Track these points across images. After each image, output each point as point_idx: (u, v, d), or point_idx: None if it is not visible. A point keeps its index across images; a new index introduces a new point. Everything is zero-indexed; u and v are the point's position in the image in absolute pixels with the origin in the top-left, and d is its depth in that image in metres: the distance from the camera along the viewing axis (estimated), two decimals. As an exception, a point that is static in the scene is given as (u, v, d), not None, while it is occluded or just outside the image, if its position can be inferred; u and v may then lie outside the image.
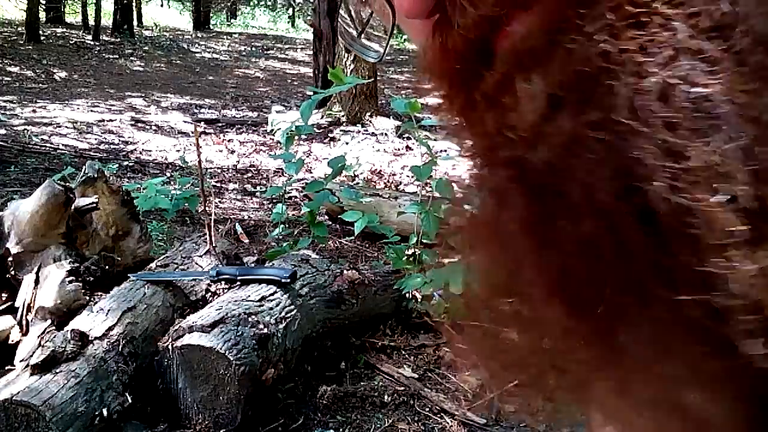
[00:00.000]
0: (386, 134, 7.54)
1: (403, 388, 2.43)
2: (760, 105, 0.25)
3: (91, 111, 8.50)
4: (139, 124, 7.94)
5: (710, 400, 0.29)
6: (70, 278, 2.35)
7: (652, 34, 0.27)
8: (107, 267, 2.56)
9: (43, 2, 16.32)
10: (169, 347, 2.07)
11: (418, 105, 3.07)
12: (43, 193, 2.49)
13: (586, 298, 0.30)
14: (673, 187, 0.26)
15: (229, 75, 13.41)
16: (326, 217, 4.20)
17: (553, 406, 0.37)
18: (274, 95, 11.13)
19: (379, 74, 9.16)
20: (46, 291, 2.33)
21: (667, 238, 0.27)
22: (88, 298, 2.33)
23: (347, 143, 7.11)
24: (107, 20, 17.14)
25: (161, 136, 7.48)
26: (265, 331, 2.19)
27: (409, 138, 6.98)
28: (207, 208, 3.00)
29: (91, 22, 16.25)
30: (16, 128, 6.97)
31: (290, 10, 28.27)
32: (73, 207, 2.54)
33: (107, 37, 16.09)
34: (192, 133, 7.04)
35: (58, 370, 1.91)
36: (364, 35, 0.44)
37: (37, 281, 2.38)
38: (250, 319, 2.18)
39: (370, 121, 7.99)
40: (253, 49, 17.76)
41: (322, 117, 8.02)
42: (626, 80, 0.27)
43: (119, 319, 2.16)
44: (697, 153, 0.26)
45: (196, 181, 4.04)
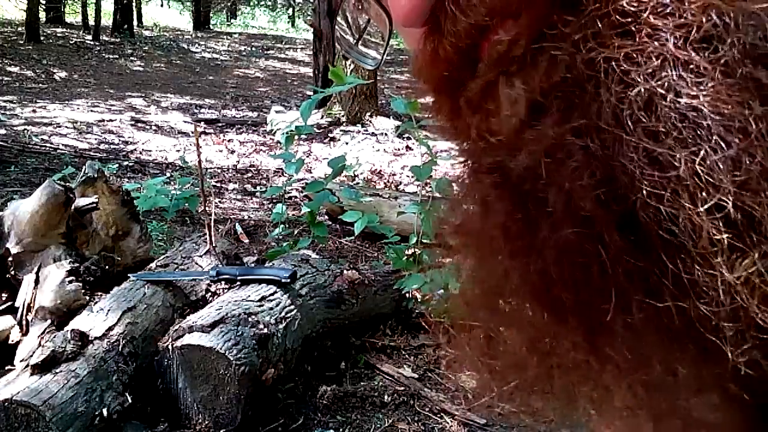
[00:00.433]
0: (386, 134, 7.54)
1: (403, 388, 2.43)
2: (747, 116, 0.25)
3: (91, 111, 8.50)
4: (139, 124, 7.94)
5: (707, 404, 0.29)
6: (70, 278, 2.35)
7: (639, 44, 0.27)
8: (107, 267, 2.56)
9: (43, 2, 16.32)
10: (169, 347, 2.07)
11: (418, 105, 3.06)
12: (43, 193, 2.49)
13: (566, 304, 0.30)
14: (657, 196, 0.26)
15: (229, 75, 13.41)
16: (326, 217, 4.20)
17: (552, 406, 0.37)
18: (274, 95, 11.13)
19: (379, 74, 9.17)
20: (46, 291, 2.33)
21: (649, 246, 0.27)
22: (88, 298, 2.33)
23: (347, 143, 7.11)
24: (107, 20, 17.15)
25: (161, 136, 7.48)
26: (265, 331, 2.18)
27: (409, 138, 6.98)
28: (207, 208, 3.00)
29: (91, 22, 16.25)
30: (16, 128, 6.97)
31: (290, 10, 28.27)
32: (73, 207, 2.54)
33: (107, 37, 16.09)
34: (192, 133, 7.04)
35: (58, 370, 1.91)
36: (362, 42, 0.44)
37: (37, 281, 2.38)
38: (250, 319, 2.18)
39: (370, 121, 7.99)
40: (253, 49, 17.76)
41: (322, 117, 8.02)
42: (612, 89, 0.27)
43: (119, 319, 2.16)
44: (682, 163, 0.26)
45: (196, 181, 4.04)
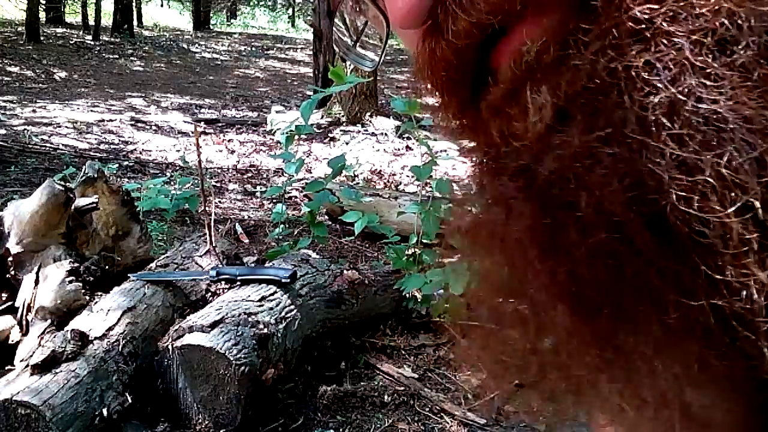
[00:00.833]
0: (386, 134, 7.54)
1: (403, 388, 2.43)
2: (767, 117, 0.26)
3: (91, 111, 8.50)
4: (139, 124, 7.94)
5: (715, 402, 0.29)
6: (70, 278, 2.35)
7: (656, 51, 0.27)
8: (107, 267, 2.56)
9: (43, 2, 16.32)
10: (169, 347, 2.07)
11: (418, 105, 3.06)
12: (43, 193, 2.49)
13: (593, 304, 0.30)
14: (686, 199, 0.27)
15: (229, 75, 13.41)
16: (326, 217, 4.20)
17: (554, 406, 0.37)
18: (274, 95, 11.13)
19: (379, 74, 9.16)
20: (46, 291, 2.32)
21: (681, 247, 0.28)
22: (88, 298, 2.33)
23: (347, 143, 7.10)
24: (107, 20, 17.15)
25: (161, 136, 7.48)
26: (265, 331, 2.18)
27: (409, 138, 6.98)
28: (207, 208, 3.00)
29: (91, 22, 16.25)
30: (16, 128, 6.97)
31: (290, 10, 28.27)
32: (73, 207, 2.54)
33: (107, 37, 16.09)
34: (192, 133, 7.04)
35: (58, 370, 1.91)
36: (359, 44, 0.44)
37: (37, 281, 2.38)
38: (250, 319, 2.18)
39: (370, 121, 7.99)
40: (253, 49, 17.76)
41: (322, 117, 8.02)
42: (635, 96, 0.28)
43: (119, 319, 2.16)
44: (708, 166, 0.26)
45: (196, 181, 4.04)
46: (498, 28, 0.32)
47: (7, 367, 2.13)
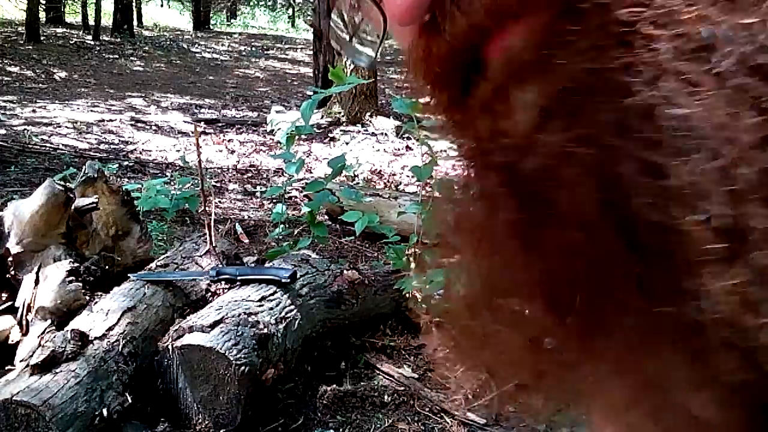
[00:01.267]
0: (386, 134, 7.54)
1: (403, 388, 2.43)
2: (739, 127, 0.26)
3: (91, 111, 8.49)
4: (139, 124, 7.94)
5: (711, 403, 0.29)
6: (70, 278, 2.35)
7: (636, 55, 0.28)
8: (107, 267, 2.56)
9: (43, 2, 16.32)
10: (169, 347, 2.07)
11: (418, 105, 3.06)
12: (43, 193, 2.49)
13: (564, 301, 0.31)
14: (652, 204, 0.27)
15: (229, 75, 13.41)
16: (326, 217, 4.20)
17: (553, 406, 0.37)
18: (274, 95, 11.13)
19: (379, 74, 9.16)
20: (46, 291, 2.32)
21: (645, 252, 0.28)
22: (88, 298, 2.33)
23: (347, 143, 7.10)
24: (107, 20, 17.14)
25: (161, 136, 7.48)
26: (265, 331, 2.18)
27: (409, 138, 6.98)
28: (207, 208, 3.00)
29: (91, 22, 16.25)
30: (16, 128, 6.96)
31: (290, 10, 28.27)
32: (73, 207, 2.54)
33: (107, 37, 16.08)
34: (192, 133, 7.04)
35: (58, 370, 1.91)
36: (357, 40, 0.45)
37: (37, 281, 2.38)
38: (250, 319, 2.18)
39: (370, 121, 7.99)
40: (253, 49, 17.76)
41: (322, 117, 8.02)
42: (612, 98, 0.28)
43: (119, 319, 2.16)
44: (676, 172, 0.27)
45: (196, 181, 4.04)
46: (493, 27, 0.32)
47: (7, 367, 2.13)
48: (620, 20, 0.28)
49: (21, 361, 2.08)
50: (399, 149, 6.94)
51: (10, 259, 2.47)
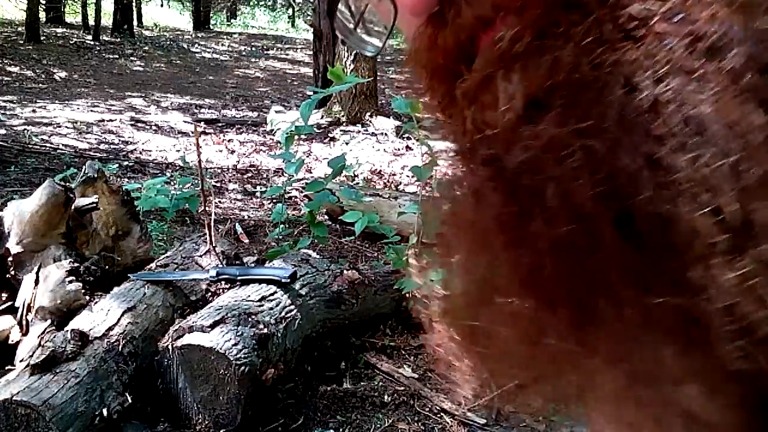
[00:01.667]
0: (386, 134, 7.53)
1: (403, 388, 2.43)
2: (749, 125, 0.26)
3: (91, 111, 8.49)
4: (139, 124, 7.94)
5: (709, 401, 0.29)
6: (70, 278, 2.35)
7: (647, 50, 0.28)
8: (107, 267, 2.56)
9: (43, 2, 16.31)
10: (169, 347, 2.07)
11: (418, 105, 3.06)
12: (43, 193, 2.49)
13: (556, 296, 0.31)
14: (657, 197, 0.27)
15: (229, 75, 13.41)
16: (326, 217, 4.20)
17: (552, 406, 0.37)
18: (274, 95, 11.13)
19: (379, 74, 9.16)
20: (46, 291, 2.32)
21: (645, 244, 0.28)
22: (88, 298, 2.33)
23: (347, 143, 7.10)
24: (107, 20, 17.14)
25: (161, 136, 7.48)
26: (265, 331, 2.18)
27: (409, 138, 6.98)
28: (207, 208, 3.00)
29: (91, 22, 16.25)
30: (16, 128, 6.96)
31: (290, 10, 28.27)
32: (73, 207, 2.54)
33: (107, 37, 16.08)
34: (192, 133, 7.04)
35: (58, 370, 1.91)
36: (364, 30, 0.45)
37: (37, 281, 2.38)
38: (250, 319, 2.18)
39: (370, 121, 7.99)
40: (253, 49, 17.76)
41: (322, 117, 8.02)
42: (616, 92, 0.28)
43: (119, 319, 2.16)
44: (684, 167, 0.27)
45: (196, 181, 4.04)
46: (495, 18, 0.32)
47: (7, 367, 2.13)
48: (632, 15, 0.28)
49: (21, 361, 2.08)
50: (399, 149, 6.94)
51: (10, 259, 2.47)
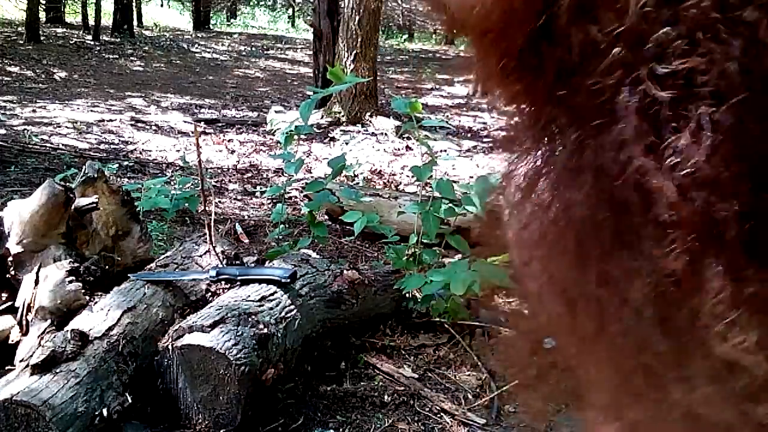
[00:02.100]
0: (386, 134, 7.53)
1: (403, 388, 2.43)
2: None
3: (91, 111, 8.49)
4: (139, 124, 7.94)
5: (713, 400, 0.29)
6: (70, 278, 2.35)
7: None
8: (107, 267, 2.56)
9: (43, 2, 16.31)
10: (169, 347, 2.07)
11: (418, 105, 3.07)
12: (43, 193, 2.49)
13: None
14: None
15: (229, 75, 13.40)
16: (326, 217, 4.20)
17: (553, 406, 0.37)
18: (274, 95, 11.12)
19: (379, 74, 9.16)
20: (46, 291, 2.32)
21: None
22: (88, 298, 2.33)
23: (347, 143, 7.10)
24: (107, 20, 17.13)
25: (161, 136, 7.47)
26: (265, 331, 2.18)
27: (409, 138, 6.98)
28: (207, 208, 3.00)
29: (91, 22, 16.24)
30: (16, 128, 6.96)
31: (290, 10, 28.26)
32: (73, 207, 2.54)
33: (107, 37, 16.08)
34: (192, 133, 7.04)
35: (58, 370, 1.91)
36: None
37: (37, 281, 2.38)
38: (250, 319, 2.18)
39: (370, 121, 7.98)
40: (253, 49, 17.76)
41: (322, 117, 8.01)
42: None
43: (119, 319, 2.16)
44: None
45: (196, 181, 4.04)
46: None
47: (7, 367, 2.13)
48: None
49: (21, 361, 2.08)
50: (399, 149, 6.94)
51: (10, 259, 2.47)
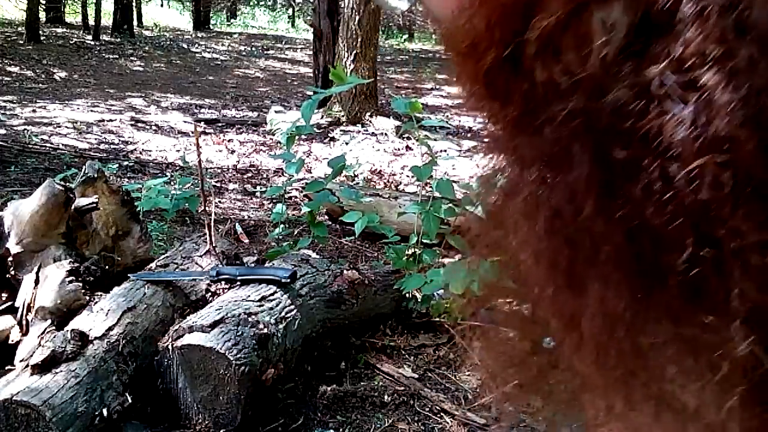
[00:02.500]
0: (386, 134, 7.53)
1: (403, 388, 2.43)
2: None
3: (91, 111, 8.49)
4: (139, 124, 7.94)
5: (716, 401, 0.29)
6: (70, 278, 2.35)
7: None
8: (107, 267, 2.56)
9: (43, 2, 16.31)
10: (169, 347, 2.07)
11: (418, 105, 3.07)
12: (43, 193, 2.49)
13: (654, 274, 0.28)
14: None
15: (229, 75, 13.41)
16: (326, 217, 4.20)
17: (552, 406, 0.37)
18: (274, 95, 11.13)
19: (379, 74, 9.16)
20: (46, 291, 2.32)
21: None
22: (88, 298, 2.33)
23: (347, 143, 7.10)
24: (107, 20, 17.13)
25: (161, 136, 7.47)
26: (265, 331, 2.18)
27: (409, 138, 6.98)
28: (207, 208, 3.00)
29: (91, 22, 16.24)
30: (16, 128, 6.96)
31: (290, 10, 28.27)
32: (73, 207, 2.54)
33: (107, 37, 16.08)
34: (192, 133, 7.04)
35: (58, 370, 1.91)
36: None
37: (37, 281, 2.38)
38: (250, 319, 2.18)
39: (370, 121, 7.99)
40: (253, 49, 17.76)
41: (322, 117, 8.02)
42: None
43: (119, 319, 2.16)
44: None
45: (196, 181, 4.03)
46: None
47: (7, 367, 2.13)
48: None
49: (21, 361, 2.08)
50: (399, 149, 6.94)
51: (10, 259, 2.47)
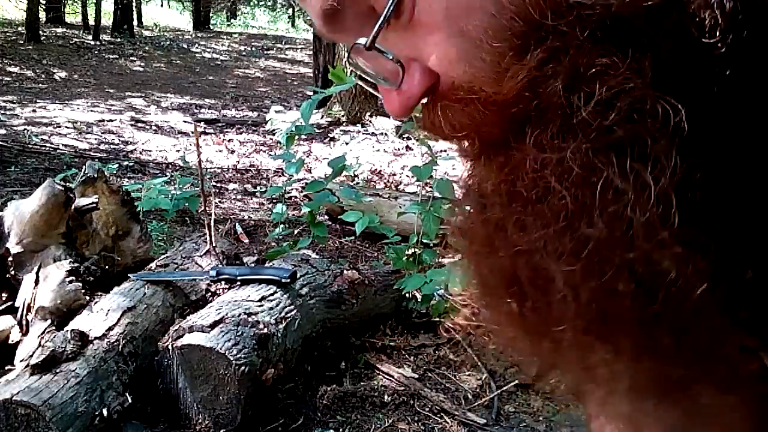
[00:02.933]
0: (386, 134, 7.53)
1: (403, 388, 2.43)
2: None
3: (91, 111, 8.49)
4: (139, 124, 7.94)
5: (716, 399, 0.29)
6: (70, 278, 2.35)
7: None
8: (107, 267, 2.56)
9: (43, 2, 16.31)
10: (169, 347, 2.07)
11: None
12: (43, 193, 2.49)
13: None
14: None
15: (229, 75, 13.41)
16: (326, 217, 4.20)
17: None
18: (274, 95, 11.13)
19: (379, 74, 9.15)
20: (46, 291, 2.32)
21: None
22: (88, 298, 2.33)
23: (347, 143, 7.10)
24: (107, 20, 17.14)
25: (161, 136, 7.48)
26: (265, 331, 2.18)
27: (409, 138, 6.98)
28: (207, 208, 3.00)
29: (91, 22, 16.25)
30: (16, 128, 6.96)
31: (290, 10, 28.26)
32: (73, 207, 2.54)
33: (107, 37, 16.08)
34: (192, 133, 7.04)
35: (58, 370, 1.90)
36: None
37: (37, 281, 2.38)
38: (250, 319, 2.18)
39: (370, 121, 7.99)
40: (253, 49, 17.76)
41: (322, 117, 8.02)
42: None
43: (119, 319, 2.16)
44: None
45: (196, 181, 4.03)
46: None
47: (7, 367, 2.13)
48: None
49: (21, 361, 2.08)
50: (399, 149, 6.94)
51: (10, 259, 2.47)
